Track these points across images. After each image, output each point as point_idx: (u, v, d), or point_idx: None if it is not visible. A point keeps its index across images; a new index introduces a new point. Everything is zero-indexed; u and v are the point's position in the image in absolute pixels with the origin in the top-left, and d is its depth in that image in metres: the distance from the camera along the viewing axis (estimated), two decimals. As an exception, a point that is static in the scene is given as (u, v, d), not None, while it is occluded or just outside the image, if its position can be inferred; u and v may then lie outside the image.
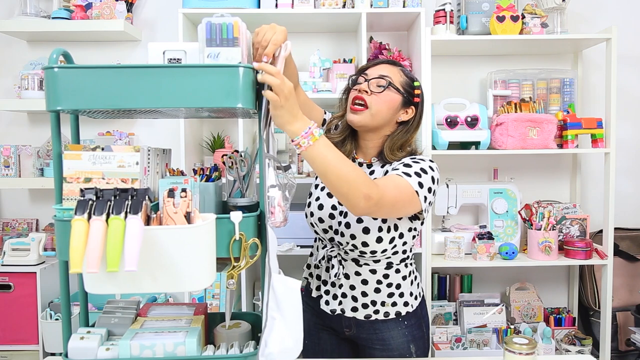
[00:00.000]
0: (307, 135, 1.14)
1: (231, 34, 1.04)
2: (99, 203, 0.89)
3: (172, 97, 0.98)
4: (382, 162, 1.48)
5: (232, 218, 1.03)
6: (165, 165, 1.25)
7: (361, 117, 1.41)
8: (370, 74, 1.44)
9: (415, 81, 1.47)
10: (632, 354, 2.48)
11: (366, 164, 1.51)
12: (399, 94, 1.42)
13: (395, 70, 1.44)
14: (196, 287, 0.96)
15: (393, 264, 1.47)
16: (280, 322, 1.07)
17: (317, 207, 1.50)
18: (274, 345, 1.06)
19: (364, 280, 1.47)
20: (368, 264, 1.46)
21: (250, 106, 1.03)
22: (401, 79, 1.44)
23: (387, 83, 1.40)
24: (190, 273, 0.95)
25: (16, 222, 2.65)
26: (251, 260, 1.06)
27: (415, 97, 1.45)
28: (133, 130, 2.65)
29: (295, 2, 2.31)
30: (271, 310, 1.07)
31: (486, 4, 2.38)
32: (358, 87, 1.44)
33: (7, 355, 2.32)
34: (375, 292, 1.47)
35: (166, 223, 0.95)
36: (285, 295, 1.08)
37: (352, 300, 1.48)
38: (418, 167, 1.35)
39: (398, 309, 1.48)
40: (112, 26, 2.38)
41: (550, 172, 2.68)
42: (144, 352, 1.03)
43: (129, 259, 0.84)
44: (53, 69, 0.98)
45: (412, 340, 1.49)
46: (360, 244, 1.41)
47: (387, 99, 1.41)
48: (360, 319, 1.48)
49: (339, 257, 1.48)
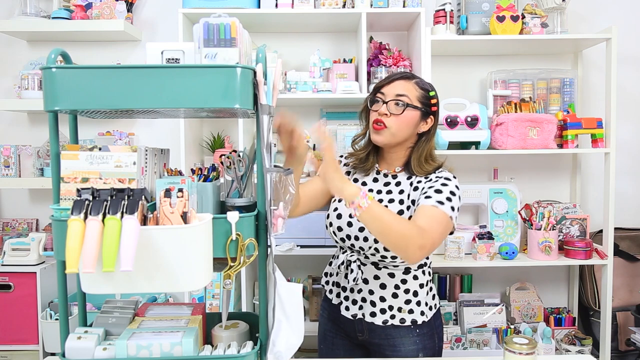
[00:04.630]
0: (364, 196, 1.24)
1: (229, 34, 1.04)
2: (95, 203, 0.89)
3: (169, 98, 0.98)
4: (408, 173, 1.53)
5: (228, 218, 1.03)
6: (164, 165, 1.25)
7: (383, 137, 1.47)
8: (387, 93, 1.47)
9: (431, 91, 1.50)
10: (632, 354, 2.48)
11: (391, 174, 1.55)
12: (417, 110, 1.46)
13: (410, 86, 1.47)
14: (192, 287, 0.96)
15: (411, 269, 1.51)
16: (285, 324, 1.12)
17: (335, 217, 1.55)
18: (281, 344, 1.10)
19: (382, 285, 1.50)
20: (387, 267, 1.49)
21: (248, 107, 1.02)
22: (417, 93, 1.47)
23: (404, 105, 1.44)
24: (186, 273, 0.95)
25: (16, 222, 2.65)
26: (248, 261, 1.06)
27: (433, 107, 1.49)
28: (133, 130, 2.65)
29: (295, 2, 2.31)
30: (278, 313, 1.11)
31: (486, 4, 2.38)
32: (377, 109, 1.48)
33: (7, 355, 2.32)
34: (393, 297, 1.50)
35: (163, 223, 0.95)
36: (289, 300, 1.13)
37: (371, 305, 1.51)
38: (448, 191, 1.41)
39: (414, 317, 1.50)
40: (112, 26, 2.38)
41: (550, 172, 2.68)
42: (140, 352, 1.03)
43: (125, 259, 0.84)
44: (51, 69, 0.98)
45: (422, 349, 1.51)
46: (382, 249, 1.45)
47: (407, 118, 1.46)
48: (377, 324, 1.51)
49: (358, 262, 1.52)
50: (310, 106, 2.62)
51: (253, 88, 1.03)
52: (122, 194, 0.93)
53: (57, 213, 1.00)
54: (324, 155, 1.28)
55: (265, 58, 1.10)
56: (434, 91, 1.50)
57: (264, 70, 1.06)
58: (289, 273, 2.65)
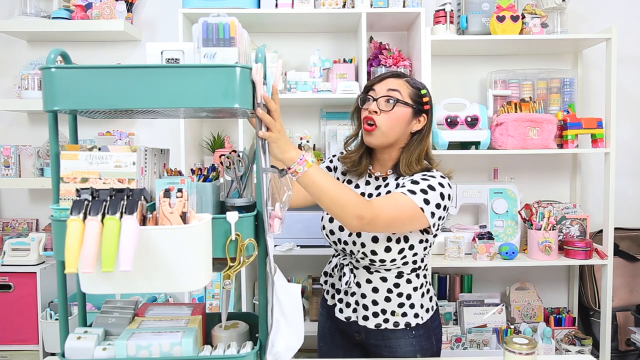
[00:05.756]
0: (301, 163, 1.22)
1: (227, 33, 1.04)
2: (94, 203, 0.89)
3: (168, 98, 0.98)
4: (396, 175, 1.51)
5: (228, 218, 1.03)
6: (163, 165, 1.25)
7: (375, 137, 1.45)
8: (377, 90, 1.45)
9: (422, 89, 1.48)
10: (632, 354, 2.48)
11: (382, 177, 1.53)
12: (408, 106, 1.44)
13: (401, 83, 1.46)
14: (191, 288, 0.96)
15: (404, 273, 1.49)
16: (284, 324, 1.12)
17: (328, 220, 1.55)
18: (280, 345, 1.10)
19: (375, 289, 1.49)
20: (379, 271, 1.48)
21: (247, 106, 1.03)
22: (408, 90, 1.45)
23: (394, 100, 1.42)
24: (185, 273, 0.95)
25: (16, 222, 2.65)
26: (247, 261, 1.06)
27: (425, 105, 1.47)
28: (133, 130, 2.65)
29: (295, 2, 2.31)
30: (276, 313, 1.11)
31: (486, 4, 2.38)
32: (367, 107, 1.46)
33: (7, 355, 2.32)
34: (385, 301, 1.48)
35: (162, 223, 0.95)
36: (287, 301, 1.13)
37: (363, 309, 1.50)
38: (426, 185, 1.38)
39: (408, 320, 1.49)
40: (112, 26, 2.38)
41: (550, 172, 2.68)
42: (140, 352, 1.03)
43: (124, 259, 0.84)
44: (50, 69, 0.98)
45: (420, 350, 1.51)
46: (369, 252, 1.44)
47: (397, 115, 1.43)
48: (370, 328, 1.50)
49: (351, 266, 1.52)
50: (310, 106, 2.62)
51: (252, 88, 1.03)
52: (122, 194, 0.93)
53: (56, 213, 1.00)
54: (270, 119, 1.14)
55: (265, 58, 1.09)
56: (425, 90, 1.48)
57: (263, 70, 1.05)
58: (289, 273, 2.65)
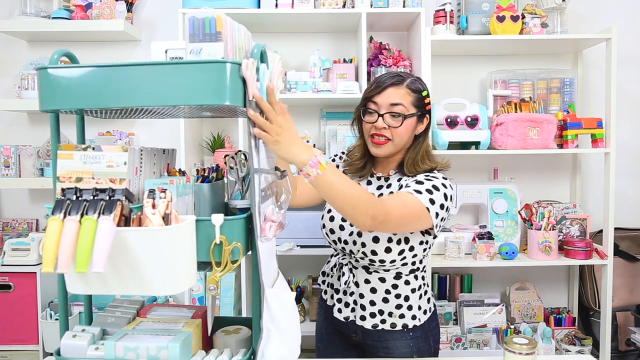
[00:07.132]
0: (314, 165, 1.16)
1: (214, 28, 0.99)
2: (75, 203, 0.88)
3: (157, 95, 0.96)
4: (400, 175, 1.50)
5: (212, 220, 0.99)
6: (167, 165, 1.24)
7: (385, 149, 1.45)
8: (380, 103, 1.43)
9: (423, 91, 1.47)
10: (632, 354, 2.48)
11: (384, 177, 1.53)
12: (414, 116, 1.44)
13: (403, 94, 1.43)
14: (169, 292, 0.92)
15: (402, 274, 1.49)
16: (275, 334, 1.07)
17: (328, 219, 1.54)
18: (270, 355, 1.06)
19: (373, 289, 1.48)
20: (378, 272, 1.48)
21: (238, 104, 0.99)
22: (411, 98, 1.43)
23: (402, 117, 1.41)
24: (162, 276, 0.92)
25: (16, 222, 2.66)
26: (233, 265, 1.02)
27: (427, 106, 1.47)
28: (133, 130, 2.65)
29: (295, 2, 2.31)
30: (266, 322, 1.06)
31: (486, 4, 2.37)
32: (371, 121, 1.44)
33: (7, 355, 2.32)
34: (383, 302, 1.48)
35: (145, 224, 0.93)
36: (279, 309, 1.08)
37: (361, 309, 1.50)
38: (430, 184, 1.38)
39: (405, 322, 1.49)
40: (112, 26, 2.38)
41: (550, 172, 2.68)
42: (127, 354, 1.01)
43: (97, 259, 0.83)
44: (46, 70, 0.98)
45: (417, 351, 1.50)
46: (369, 252, 1.44)
47: (405, 127, 1.43)
48: (367, 328, 1.49)
49: (350, 265, 1.51)
50: (310, 106, 2.62)
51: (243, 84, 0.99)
52: (104, 194, 0.92)
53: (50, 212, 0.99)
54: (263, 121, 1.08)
55: (261, 53, 1.07)
56: (425, 90, 1.47)
57: (257, 66, 1.02)
58: (289, 273, 2.65)
